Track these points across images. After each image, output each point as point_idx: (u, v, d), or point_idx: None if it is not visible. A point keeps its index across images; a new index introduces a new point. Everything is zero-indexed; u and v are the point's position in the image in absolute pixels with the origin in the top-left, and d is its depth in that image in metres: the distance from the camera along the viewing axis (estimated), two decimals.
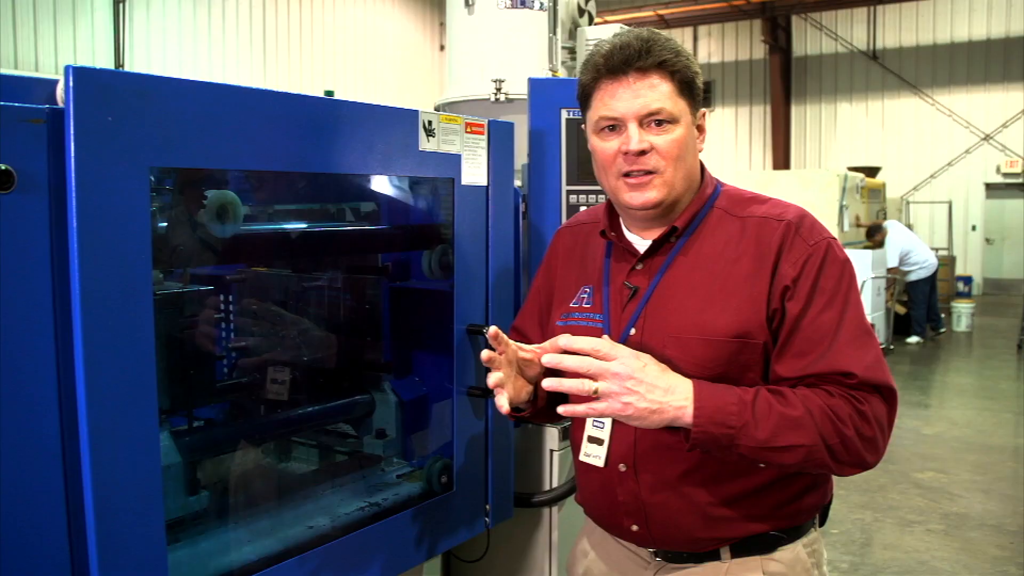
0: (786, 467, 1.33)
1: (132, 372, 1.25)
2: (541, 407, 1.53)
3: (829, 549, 3.90)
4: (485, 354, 1.38)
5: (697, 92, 1.40)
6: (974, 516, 4.52)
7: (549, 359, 1.28)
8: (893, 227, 9.73)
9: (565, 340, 1.29)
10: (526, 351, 1.42)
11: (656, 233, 1.44)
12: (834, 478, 1.50)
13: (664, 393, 1.26)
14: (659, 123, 1.35)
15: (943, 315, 10.67)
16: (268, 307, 1.98)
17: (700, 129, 1.43)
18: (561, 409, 1.30)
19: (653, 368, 1.29)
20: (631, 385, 1.25)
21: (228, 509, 1.77)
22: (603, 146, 1.39)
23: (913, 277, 9.71)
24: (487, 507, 2.02)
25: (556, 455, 2.29)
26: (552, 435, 2.28)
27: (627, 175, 1.38)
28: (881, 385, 1.32)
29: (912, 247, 9.63)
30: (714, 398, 1.28)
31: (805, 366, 1.32)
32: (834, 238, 1.40)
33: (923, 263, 9.69)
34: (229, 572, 1.54)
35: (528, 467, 2.28)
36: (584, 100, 1.43)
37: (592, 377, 1.26)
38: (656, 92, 1.34)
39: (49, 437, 1.20)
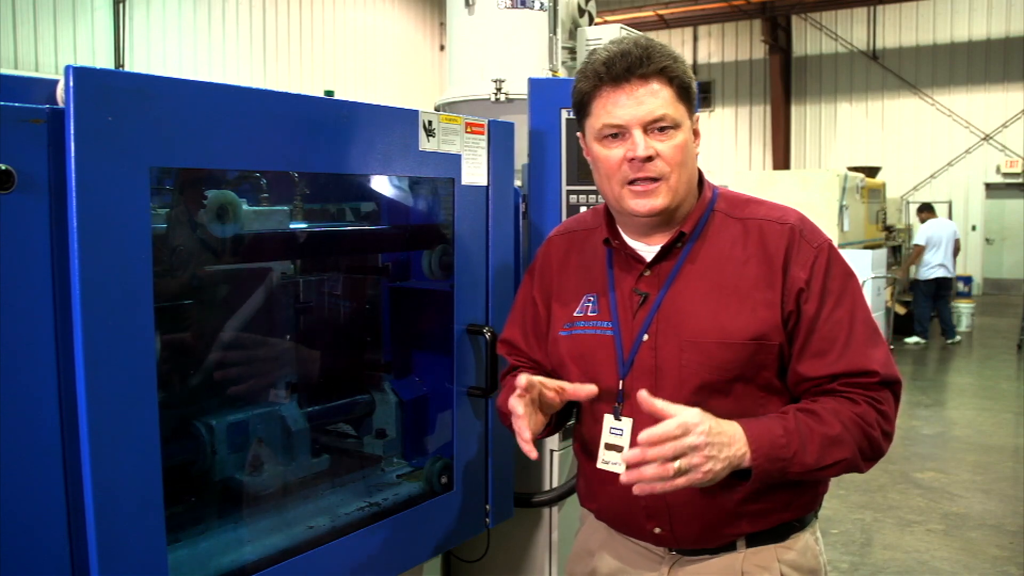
0: (826, 478, 1.42)
1: (132, 372, 1.25)
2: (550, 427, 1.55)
3: (829, 549, 3.90)
4: (514, 401, 1.36)
5: (693, 97, 1.41)
6: (974, 516, 4.52)
7: (631, 455, 1.22)
8: (939, 219, 10.44)
9: (645, 436, 1.22)
10: (549, 389, 1.41)
11: (659, 239, 1.45)
12: None
13: (729, 447, 1.27)
14: (662, 129, 1.36)
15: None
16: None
17: (696, 134, 1.44)
18: (636, 489, 1.24)
19: (713, 425, 1.26)
20: (707, 452, 1.24)
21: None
22: (607, 154, 1.38)
23: (923, 276, 9.82)
24: (487, 507, 2.02)
25: (556, 455, 2.29)
26: (552, 435, 2.28)
27: (632, 183, 1.37)
28: (893, 381, 1.39)
29: (940, 244, 9.92)
30: (764, 435, 1.30)
31: (827, 365, 1.36)
32: (828, 239, 1.45)
33: (937, 263, 9.89)
34: (229, 572, 1.54)
35: (528, 467, 2.28)
36: (582, 107, 1.42)
37: (672, 458, 1.23)
38: (658, 99, 1.35)
39: (49, 437, 1.20)
